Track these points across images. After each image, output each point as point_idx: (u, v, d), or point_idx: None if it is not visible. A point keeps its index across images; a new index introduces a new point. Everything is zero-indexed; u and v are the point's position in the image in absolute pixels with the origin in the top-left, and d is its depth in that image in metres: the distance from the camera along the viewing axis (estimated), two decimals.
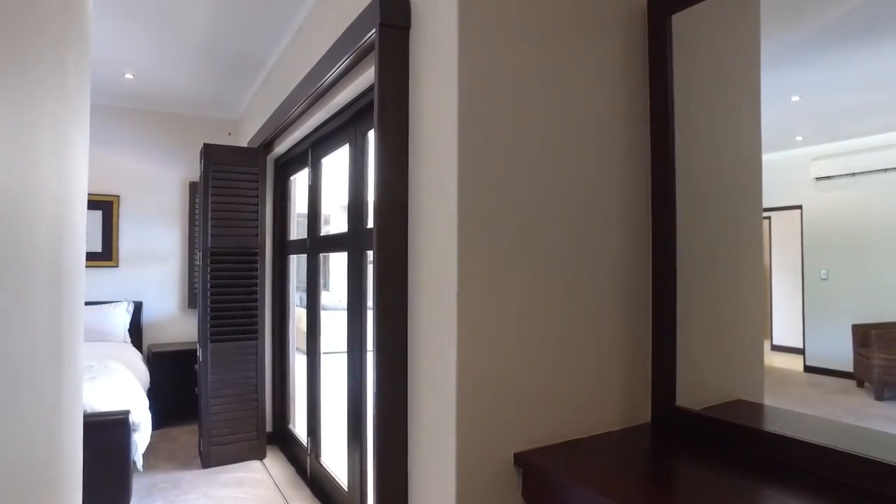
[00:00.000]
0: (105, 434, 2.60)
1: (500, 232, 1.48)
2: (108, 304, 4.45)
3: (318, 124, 3.12)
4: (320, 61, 2.45)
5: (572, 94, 1.60)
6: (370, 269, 2.54)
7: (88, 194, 4.48)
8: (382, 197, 1.68)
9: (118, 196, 4.69)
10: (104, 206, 4.64)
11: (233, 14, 3.05)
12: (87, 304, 4.43)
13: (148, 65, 3.85)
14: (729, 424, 1.44)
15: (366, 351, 2.60)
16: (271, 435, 4.05)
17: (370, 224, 2.58)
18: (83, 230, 1.19)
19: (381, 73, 1.69)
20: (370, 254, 2.60)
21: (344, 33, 2.14)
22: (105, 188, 4.67)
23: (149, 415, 3.12)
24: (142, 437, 2.78)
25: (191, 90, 4.37)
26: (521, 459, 1.46)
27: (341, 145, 3.02)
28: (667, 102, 1.63)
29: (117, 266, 4.68)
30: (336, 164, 3.35)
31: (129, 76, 4.07)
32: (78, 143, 1.12)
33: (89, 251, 4.59)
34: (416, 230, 1.64)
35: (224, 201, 3.68)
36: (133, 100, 4.62)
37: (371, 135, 2.65)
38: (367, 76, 2.22)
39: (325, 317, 7.71)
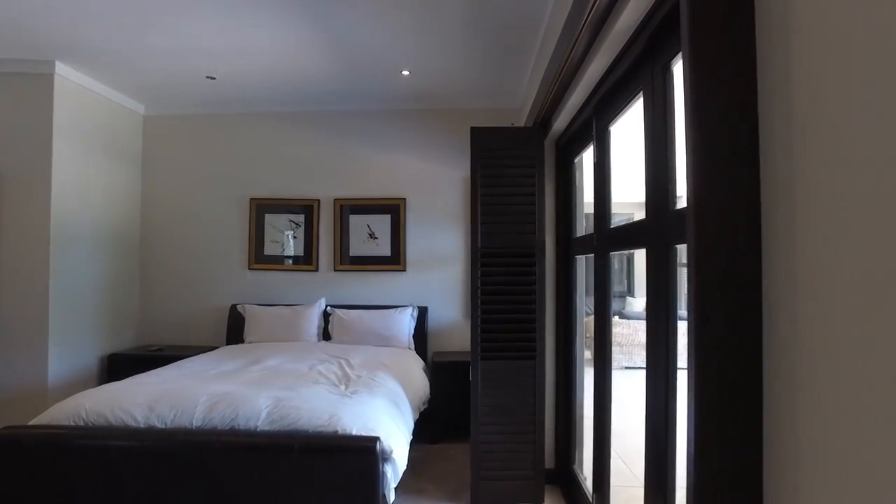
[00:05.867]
0: (351, 460, 2.24)
1: None
2: (394, 309, 4.38)
3: (600, 75, 2.31)
4: None
5: None
6: (679, 270, 1.73)
7: (377, 199, 4.63)
8: (704, 152, 0.84)
9: (404, 199, 4.64)
10: (392, 210, 4.63)
11: None
12: (374, 308, 4.44)
13: (420, 57, 3.62)
14: None
15: (673, 375, 1.76)
16: (552, 473, 3.35)
17: (681, 205, 1.67)
18: None
19: None
20: (680, 250, 1.73)
21: None
22: (392, 191, 4.66)
23: (408, 440, 2.73)
24: (394, 468, 2.36)
25: (465, 78, 4.01)
26: None
27: (633, 98, 2.15)
28: None
29: (405, 270, 4.62)
30: (630, 130, 2.48)
31: (405, 73, 3.92)
32: None
33: (380, 256, 4.62)
34: (788, 213, 0.74)
35: (495, 193, 3.14)
36: (412, 99, 4.52)
37: (677, 66, 1.73)
38: None
39: (630, 327, 6.82)
